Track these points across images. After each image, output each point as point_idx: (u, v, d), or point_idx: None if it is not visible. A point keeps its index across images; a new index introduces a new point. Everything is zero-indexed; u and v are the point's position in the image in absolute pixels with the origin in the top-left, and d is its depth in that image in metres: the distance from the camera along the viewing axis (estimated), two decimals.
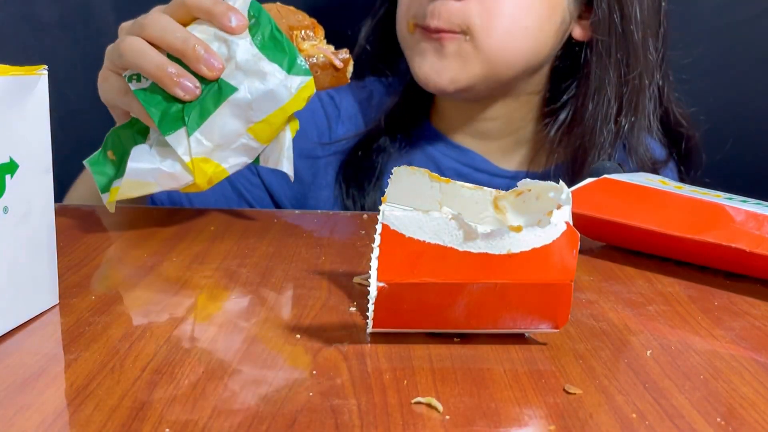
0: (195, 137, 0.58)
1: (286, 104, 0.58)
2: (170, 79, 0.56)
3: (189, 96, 0.57)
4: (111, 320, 0.44)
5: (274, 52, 0.58)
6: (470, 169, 0.82)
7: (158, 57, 0.57)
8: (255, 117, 0.58)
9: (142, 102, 0.57)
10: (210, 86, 0.57)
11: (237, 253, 0.57)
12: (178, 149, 0.57)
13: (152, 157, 0.58)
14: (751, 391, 0.38)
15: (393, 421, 0.34)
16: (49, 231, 0.45)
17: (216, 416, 0.34)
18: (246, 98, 0.57)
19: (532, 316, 0.41)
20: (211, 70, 0.57)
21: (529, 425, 0.34)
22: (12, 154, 0.41)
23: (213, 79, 0.57)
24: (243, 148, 0.59)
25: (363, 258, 0.56)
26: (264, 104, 0.58)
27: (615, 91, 0.77)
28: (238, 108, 0.57)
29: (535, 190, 0.45)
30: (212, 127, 0.58)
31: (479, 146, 0.83)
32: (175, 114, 0.57)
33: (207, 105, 0.57)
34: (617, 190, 0.59)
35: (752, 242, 0.52)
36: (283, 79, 0.57)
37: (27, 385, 0.37)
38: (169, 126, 0.57)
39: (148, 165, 0.58)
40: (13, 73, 0.41)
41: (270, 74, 0.57)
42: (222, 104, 0.57)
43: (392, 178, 0.45)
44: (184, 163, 0.58)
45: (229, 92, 0.57)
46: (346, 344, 0.42)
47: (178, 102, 0.57)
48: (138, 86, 0.58)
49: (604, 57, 0.77)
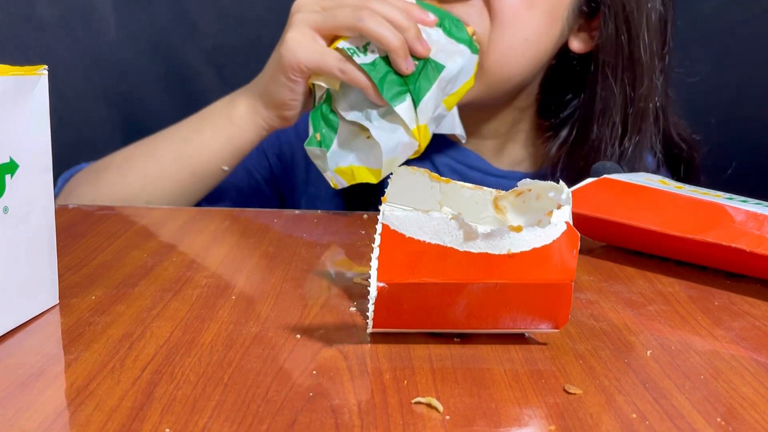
0: (420, 108, 0.66)
1: (470, 78, 0.70)
2: (404, 50, 0.64)
3: (410, 70, 0.65)
4: (111, 320, 0.44)
5: (458, 35, 0.68)
6: (464, 167, 0.82)
7: (396, 32, 0.64)
8: (451, 89, 0.69)
9: (371, 75, 0.65)
10: (422, 63, 0.66)
11: (237, 253, 0.57)
12: (406, 118, 0.66)
13: (387, 134, 0.66)
14: (751, 391, 0.38)
15: (393, 421, 0.34)
16: (49, 231, 0.45)
17: (216, 416, 0.34)
18: (451, 74, 0.68)
19: (532, 316, 0.41)
20: (425, 48, 0.66)
21: (529, 425, 0.34)
22: (12, 154, 0.41)
23: (424, 56, 0.66)
24: (439, 116, 0.69)
25: (363, 258, 0.56)
26: (459, 79, 0.69)
27: (620, 113, 0.76)
28: (443, 82, 0.68)
29: (535, 190, 0.45)
30: (429, 98, 0.67)
31: (474, 145, 0.83)
32: (399, 87, 0.65)
33: (425, 80, 0.67)
34: (617, 190, 0.59)
35: (752, 242, 0.52)
36: (469, 57, 0.69)
37: (27, 385, 0.37)
38: (396, 98, 0.65)
39: (393, 142, 0.66)
40: (13, 73, 0.41)
41: (462, 53, 0.68)
42: (437, 80, 0.67)
43: (392, 178, 0.45)
44: (410, 130, 0.67)
45: (439, 69, 0.67)
46: (346, 344, 0.42)
47: (398, 77, 0.66)
48: (363, 60, 0.65)
49: (610, 78, 0.75)
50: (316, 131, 0.67)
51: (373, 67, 0.65)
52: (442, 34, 0.68)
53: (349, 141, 0.68)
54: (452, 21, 0.69)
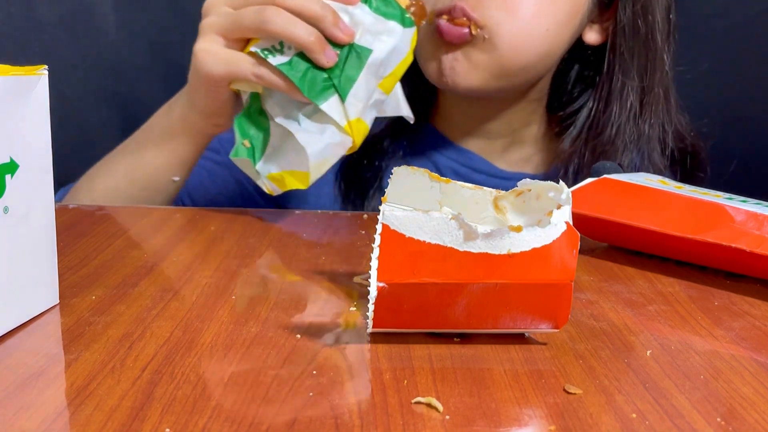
0: (348, 102, 0.62)
1: (406, 56, 0.64)
2: (318, 45, 0.60)
3: (331, 63, 0.60)
4: (111, 320, 0.44)
5: (387, 11, 0.63)
6: (468, 170, 0.82)
7: (305, 24, 0.60)
8: (385, 72, 0.64)
9: (289, 76, 0.60)
10: (345, 51, 0.61)
11: (237, 253, 0.57)
12: (335, 116, 0.62)
13: (314, 134, 0.62)
14: (751, 391, 0.38)
15: (393, 421, 0.34)
16: (49, 231, 0.45)
17: (216, 416, 0.34)
18: (380, 57, 0.63)
19: (532, 316, 0.41)
20: (346, 35, 0.61)
21: (529, 425, 0.34)
22: (12, 154, 0.41)
23: (347, 43, 0.61)
24: (376, 103, 0.65)
25: (363, 258, 0.56)
26: (392, 59, 0.63)
27: (638, 100, 0.76)
28: (374, 67, 0.63)
29: (535, 190, 0.45)
30: (358, 89, 0.62)
31: (480, 146, 0.83)
32: (322, 83, 0.61)
33: (351, 70, 0.62)
34: (617, 190, 0.59)
35: (752, 242, 0.52)
36: (401, 33, 0.63)
37: (27, 385, 0.37)
38: (320, 95, 0.61)
39: (321, 144, 0.62)
40: (13, 73, 0.41)
41: (392, 31, 0.63)
42: (364, 67, 0.62)
43: (392, 178, 0.45)
44: (342, 127, 0.62)
45: (366, 55, 0.62)
46: (346, 344, 0.42)
47: (320, 71, 0.61)
48: (279, 60, 0.60)
49: (628, 61, 0.76)
50: (244, 138, 0.64)
51: (290, 67, 0.60)
52: (368, 11, 0.62)
53: (280, 144, 0.64)
54: None
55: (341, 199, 0.83)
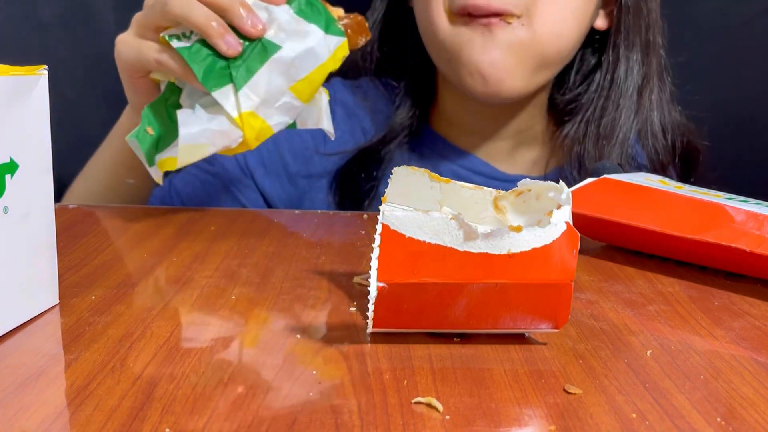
0: (243, 92, 0.60)
1: (325, 62, 0.62)
2: (216, 30, 0.58)
3: (231, 51, 0.59)
4: (111, 320, 0.44)
5: (311, 15, 0.61)
6: (469, 172, 0.81)
7: (206, 9, 0.59)
8: (297, 75, 0.61)
9: (186, 59, 0.59)
10: (253, 45, 0.60)
11: (237, 253, 0.57)
12: (226, 105, 0.59)
13: (200, 119, 0.60)
14: (751, 391, 0.38)
15: (393, 421, 0.34)
16: (49, 231, 0.45)
17: (216, 416, 0.34)
18: (288, 56, 0.60)
19: (532, 316, 0.41)
20: (255, 29, 0.59)
21: (529, 425, 0.34)
22: (12, 154, 0.41)
23: (256, 37, 0.60)
24: (285, 106, 0.62)
25: (363, 258, 0.56)
26: (305, 62, 0.61)
27: (640, 80, 0.77)
28: (282, 65, 0.60)
29: (535, 190, 0.45)
30: (258, 83, 0.60)
31: (481, 147, 0.82)
32: (220, 71, 0.59)
33: (253, 62, 0.60)
34: (617, 190, 0.59)
35: (752, 242, 0.52)
36: (322, 38, 0.61)
37: (27, 385, 0.37)
38: (215, 82, 0.59)
39: (198, 127, 0.59)
40: (13, 73, 0.41)
41: (310, 33, 0.61)
42: (267, 61, 0.60)
43: (392, 178, 0.45)
44: (233, 118, 0.60)
45: (273, 50, 0.60)
46: (346, 344, 0.42)
47: (221, 60, 0.59)
48: (180, 45, 0.59)
49: (632, 43, 0.77)
50: (148, 125, 0.61)
51: (190, 51, 0.59)
52: (290, 12, 0.61)
53: None
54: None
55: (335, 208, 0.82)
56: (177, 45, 0.59)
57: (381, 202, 0.42)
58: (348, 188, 0.82)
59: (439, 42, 0.74)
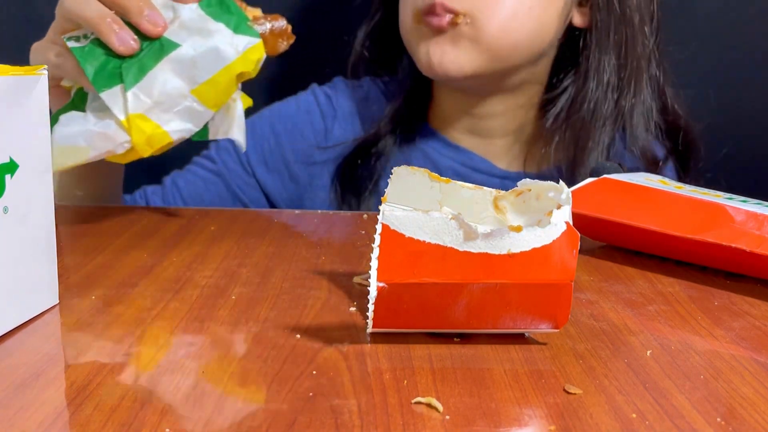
0: (132, 92, 0.55)
1: (232, 63, 0.57)
2: (109, 27, 0.55)
3: (125, 49, 0.55)
4: (111, 320, 0.44)
5: (220, 13, 0.57)
6: (468, 169, 0.82)
7: (100, 6, 0.56)
8: (199, 77, 0.56)
9: (78, 58, 0.55)
10: (152, 44, 0.56)
11: (237, 253, 0.57)
12: (114, 107, 0.55)
13: (84, 120, 0.56)
14: (751, 391, 0.38)
15: (393, 421, 0.34)
16: (49, 231, 0.45)
17: (216, 416, 0.34)
18: (189, 54, 0.56)
19: (532, 316, 0.41)
20: (154, 26, 0.56)
21: (529, 425, 0.34)
22: (12, 154, 0.41)
23: (155, 36, 0.56)
24: (188, 111, 0.57)
25: (363, 258, 0.56)
26: (209, 63, 0.56)
27: (615, 72, 0.78)
28: (181, 65, 0.56)
29: (535, 190, 0.45)
30: (152, 83, 0.56)
31: (479, 145, 0.83)
32: (111, 71, 0.55)
33: (147, 60, 0.56)
34: (617, 190, 0.59)
35: (752, 242, 0.52)
36: (229, 38, 0.57)
37: (27, 385, 0.37)
38: (105, 82, 0.55)
39: (78, 127, 0.56)
40: (13, 73, 0.41)
41: (216, 32, 0.57)
42: (163, 59, 0.56)
43: (392, 178, 0.45)
44: (119, 121, 0.56)
45: (171, 48, 0.56)
46: (346, 344, 0.42)
47: (116, 60, 0.56)
48: (76, 45, 0.56)
49: (604, 38, 0.77)
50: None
51: (83, 51, 0.55)
52: (197, 10, 0.57)
53: None
54: None
55: (336, 205, 0.82)
56: (72, 45, 0.56)
57: (381, 201, 0.42)
58: (349, 181, 0.82)
59: (407, 40, 0.79)
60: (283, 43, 0.60)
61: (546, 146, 0.80)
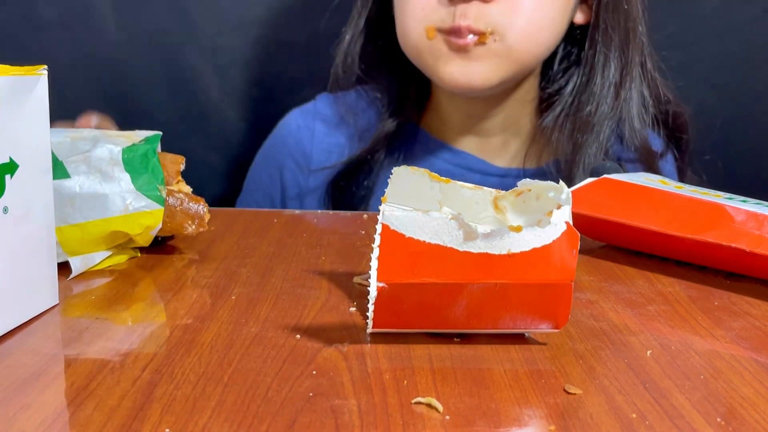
0: None
1: (113, 218, 0.52)
2: None
3: None
4: (111, 320, 0.44)
5: (134, 166, 0.53)
6: (463, 170, 0.82)
7: None
8: (71, 217, 0.51)
9: None
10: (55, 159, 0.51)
11: (237, 253, 0.57)
12: None
13: None
14: (751, 391, 0.38)
15: (393, 421, 0.34)
16: (49, 231, 0.45)
17: (216, 416, 0.34)
18: (72, 189, 0.51)
19: (532, 316, 0.41)
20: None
21: (529, 425, 0.34)
22: (12, 154, 0.41)
23: None
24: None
25: (363, 258, 0.56)
26: (88, 207, 0.51)
27: (618, 70, 0.78)
28: (60, 197, 0.51)
29: (535, 190, 0.45)
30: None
31: (475, 144, 0.83)
32: None
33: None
34: (617, 190, 0.59)
35: (752, 242, 0.52)
36: (126, 192, 0.52)
37: (27, 385, 0.37)
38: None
39: None
40: (13, 73, 0.41)
41: (116, 181, 0.52)
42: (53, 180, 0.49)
43: (392, 178, 0.45)
44: None
45: (60, 175, 0.51)
46: (346, 344, 0.42)
47: None
48: None
49: (609, 34, 0.78)
50: None
51: None
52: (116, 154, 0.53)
53: None
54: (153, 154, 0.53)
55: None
56: None
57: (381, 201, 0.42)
58: (339, 200, 0.82)
59: (417, 53, 0.77)
60: (191, 226, 0.55)
61: (545, 142, 0.80)
